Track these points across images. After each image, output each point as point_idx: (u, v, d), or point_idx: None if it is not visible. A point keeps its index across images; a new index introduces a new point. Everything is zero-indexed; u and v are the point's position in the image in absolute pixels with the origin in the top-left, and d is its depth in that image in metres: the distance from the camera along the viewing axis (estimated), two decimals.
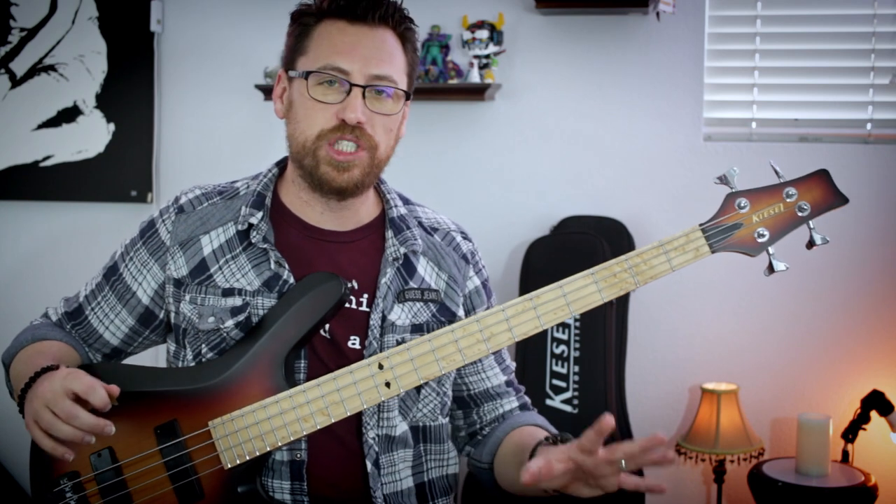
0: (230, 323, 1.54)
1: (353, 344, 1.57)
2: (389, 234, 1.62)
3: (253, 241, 1.57)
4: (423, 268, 1.64)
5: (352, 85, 1.51)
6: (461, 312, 1.66)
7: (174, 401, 1.50)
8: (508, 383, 1.73)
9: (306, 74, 1.53)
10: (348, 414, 1.47)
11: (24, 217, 3.68)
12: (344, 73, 1.51)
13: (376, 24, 1.54)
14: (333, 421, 1.47)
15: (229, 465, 1.48)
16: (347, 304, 1.56)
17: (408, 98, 1.59)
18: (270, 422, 1.46)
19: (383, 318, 1.57)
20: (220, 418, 1.48)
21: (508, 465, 1.60)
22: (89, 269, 1.74)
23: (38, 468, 1.54)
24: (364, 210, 1.64)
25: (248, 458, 1.47)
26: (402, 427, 1.58)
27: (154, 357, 3.14)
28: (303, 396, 1.46)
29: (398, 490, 1.58)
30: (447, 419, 1.68)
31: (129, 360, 1.69)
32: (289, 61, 1.59)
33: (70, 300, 1.71)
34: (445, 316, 1.63)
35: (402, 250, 1.61)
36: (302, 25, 1.57)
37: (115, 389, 1.41)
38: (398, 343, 1.56)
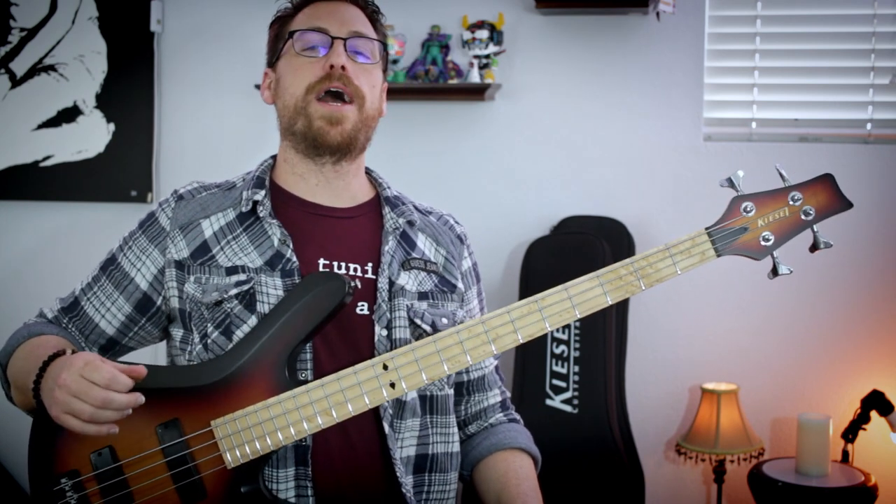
0: (233, 292, 1.56)
1: (362, 310, 1.60)
2: (386, 209, 1.69)
3: (260, 215, 1.61)
4: (423, 242, 1.70)
5: (333, 38, 1.62)
6: (461, 286, 1.71)
7: (176, 399, 1.50)
8: (497, 369, 1.79)
9: (290, 34, 1.64)
10: (353, 414, 1.47)
11: (24, 217, 3.68)
12: (324, 30, 1.63)
13: (347, 2, 1.68)
14: (337, 421, 1.47)
15: (232, 465, 1.48)
16: (353, 273, 1.61)
17: (384, 71, 1.70)
18: (274, 421, 1.46)
19: (391, 283, 1.61)
20: (222, 418, 1.48)
21: (488, 493, 1.68)
22: (89, 269, 1.74)
23: (38, 467, 1.53)
24: (357, 186, 1.70)
25: (251, 457, 1.47)
26: (411, 393, 1.60)
27: (153, 357, 3.13)
28: (306, 396, 1.47)
29: (399, 457, 1.58)
30: (452, 390, 1.70)
31: (129, 359, 1.68)
32: (272, 56, 1.71)
33: (65, 298, 1.72)
34: (447, 287, 1.69)
35: (401, 221, 1.67)
36: (280, 21, 1.71)
37: (140, 371, 1.41)
38: (408, 308, 1.61)
